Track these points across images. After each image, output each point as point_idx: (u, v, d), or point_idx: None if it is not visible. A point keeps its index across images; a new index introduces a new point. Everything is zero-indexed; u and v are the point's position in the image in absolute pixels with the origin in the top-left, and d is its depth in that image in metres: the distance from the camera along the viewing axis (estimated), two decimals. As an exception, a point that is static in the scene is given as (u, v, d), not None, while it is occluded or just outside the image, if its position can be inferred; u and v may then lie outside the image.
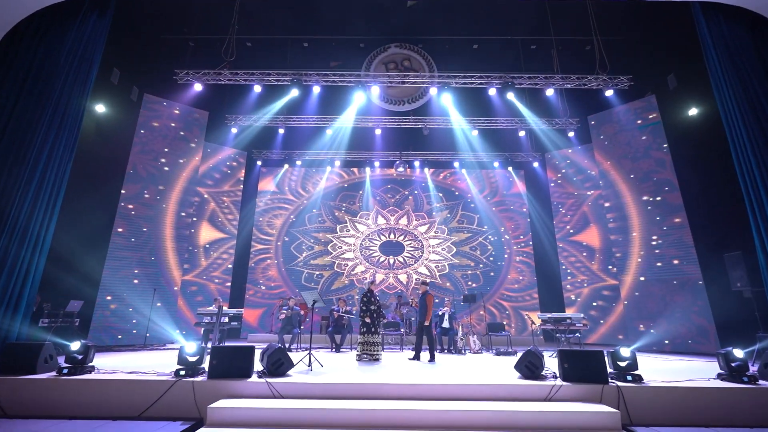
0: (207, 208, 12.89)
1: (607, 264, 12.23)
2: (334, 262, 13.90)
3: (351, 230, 14.27)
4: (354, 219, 14.41)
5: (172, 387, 4.77)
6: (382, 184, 14.89)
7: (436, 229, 14.31)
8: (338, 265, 13.90)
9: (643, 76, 10.38)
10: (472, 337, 8.97)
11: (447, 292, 13.19)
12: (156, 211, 10.42)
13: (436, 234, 14.27)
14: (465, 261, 13.97)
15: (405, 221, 14.45)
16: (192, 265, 12.23)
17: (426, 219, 14.43)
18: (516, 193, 14.67)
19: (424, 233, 14.28)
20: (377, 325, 7.31)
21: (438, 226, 14.33)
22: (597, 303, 12.10)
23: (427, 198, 14.68)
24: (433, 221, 14.39)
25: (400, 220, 14.45)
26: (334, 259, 13.91)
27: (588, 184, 13.05)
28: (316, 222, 14.31)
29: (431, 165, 14.85)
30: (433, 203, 14.59)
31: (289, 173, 14.77)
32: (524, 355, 5.37)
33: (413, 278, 13.81)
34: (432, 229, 14.32)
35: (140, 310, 9.55)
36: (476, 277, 13.82)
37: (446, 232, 14.26)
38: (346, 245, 14.13)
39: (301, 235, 14.13)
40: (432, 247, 14.11)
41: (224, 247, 12.94)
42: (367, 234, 14.26)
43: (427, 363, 7.05)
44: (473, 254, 14.07)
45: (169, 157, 10.92)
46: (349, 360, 7.26)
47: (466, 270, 13.90)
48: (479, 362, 7.22)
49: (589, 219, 12.81)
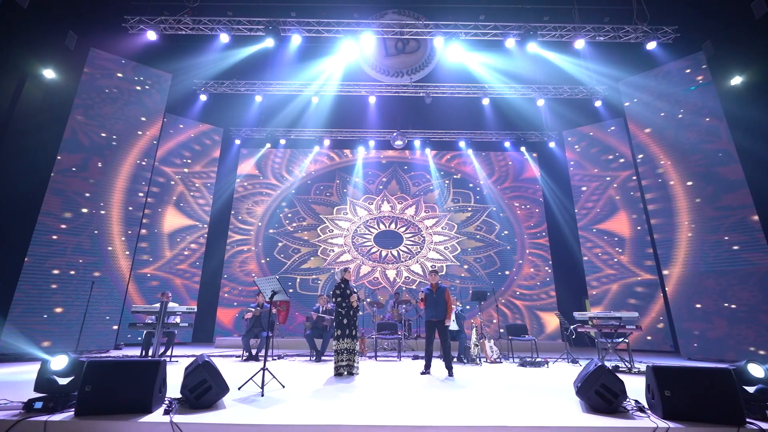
0: (174, 190, 10.90)
1: (640, 255, 10.27)
2: (319, 246, 11.89)
3: (350, 213, 12.28)
4: (356, 201, 12.42)
5: (9, 430, 2.77)
6: (377, 168, 12.92)
7: (444, 224, 12.31)
8: (322, 250, 11.88)
9: (691, 28, 8.48)
10: (488, 343, 6.97)
11: (449, 289, 11.18)
12: (100, 188, 8.41)
13: (442, 230, 12.28)
14: (469, 258, 11.98)
15: (412, 211, 12.45)
16: (154, 256, 10.23)
17: (436, 212, 12.41)
18: (529, 178, 12.72)
19: (430, 227, 12.29)
20: (355, 325, 5.32)
21: (447, 221, 12.35)
22: (629, 301, 10.12)
23: (428, 182, 12.71)
24: (442, 216, 12.39)
25: (407, 210, 12.46)
26: (320, 243, 11.90)
27: (615, 164, 11.11)
28: (303, 210, 12.32)
29: (434, 146, 12.90)
30: (434, 187, 12.62)
31: (272, 155, 12.80)
32: (591, 374, 3.37)
33: (403, 275, 11.80)
34: (439, 225, 12.32)
35: (70, 307, 7.53)
36: (486, 267, 11.82)
37: (455, 229, 12.24)
38: (338, 229, 12.12)
39: (286, 224, 12.14)
40: (434, 244, 12.12)
41: (194, 236, 10.93)
42: (365, 221, 12.27)
43: (441, 380, 5.05)
44: (479, 241, 12.09)
45: (121, 124, 8.93)
46: (327, 374, 5.28)
47: (474, 261, 11.91)
48: (504, 377, 5.24)
49: (617, 204, 10.85)
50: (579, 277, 11.31)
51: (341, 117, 12.24)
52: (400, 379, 5.07)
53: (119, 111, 8.93)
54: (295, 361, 6.94)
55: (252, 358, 6.84)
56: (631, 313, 5.93)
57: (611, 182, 11.07)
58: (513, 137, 12.43)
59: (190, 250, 10.77)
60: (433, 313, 5.60)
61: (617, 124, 11.17)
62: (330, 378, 5.02)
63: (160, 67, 9.64)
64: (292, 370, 5.71)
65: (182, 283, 10.43)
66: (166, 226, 10.55)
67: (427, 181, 12.73)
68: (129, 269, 8.57)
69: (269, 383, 4.19)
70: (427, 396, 3.96)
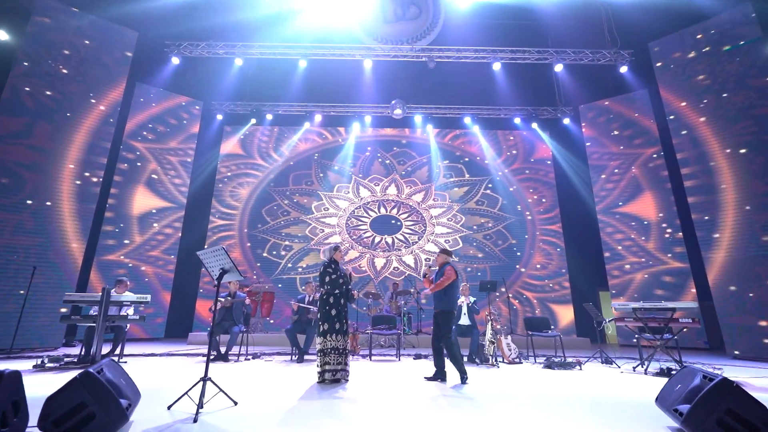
0: (145, 167, 9.57)
1: (668, 241, 9.03)
2: (309, 224, 10.61)
3: (330, 208, 10.99)
4: (331, 194, 11.13)
5: None
6: (373, 147, 11.62)
7: (434, 195, 11.05)
8: (311, 229, 10.59)
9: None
10: (505, 340, 5.72)
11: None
12: (47, 159, 7.09)
13: (435, 201, 11.02)
14: (477, 237, 10.73)
15: (394, 190, 11.17)
16: (120, 241, 8.93)
17: (419, 185, 11.16)
18: (540, 159, 11.44)
19: (421, 203, 11.02)
20: (345, 317, 4.06)
21: (437, 193, 11.08)
22: (655, 292, 8.89)
23: (432, 164, 11.42)
24: (428, 187, 11.13)
25: (387, 190, 11.17)
26: (312, 221, 10.62)
27: (640, 140, 9.84)
28: (292, 192, 11.03)
29: (436, 124, 11.60)
30: (433, 168, 11.33)
31: (259, 133, 11.48)
32: (708, 395, 2.09)
33: (392, 266, 10.55)
34: (429, 197, 11.06)
35: (9, 297, 6.25)
36: (492, 258, 10.58)
37: (447, 198, 11.01)
38: (328, 228, 10.84)
39: (274, 207, 10.85)
40: (435, 218, 10.86)
41: (168, 220, 9.63)
42: (351, 210, 10.99)
43: (453, 387, 3.79)
44: (486, 222, 10.83)
45: (75, 86, 7.59)
46: (308, 379, 4.02)
47: (480, 248, 10.66)
48: (531, 384, 3.99)
49: (642, 184, 9.60)
50: (597, 266, 10.08)
51: (334, 90, 10.94)
52: (400, 388, 3.81)
53: (73, 70, 7.59)
54: (273, 361, 5.68)
55: (220, 358, 5.58)
56: (687, 303, 4.68)
57: (634, 160, 9.81)
58: (523, 113, 11.14)
59: (164, 235, 9.47)
60: (436, 301, 4.35)
61: (642, 96, 9.90)
62: (311, 387, 3.75)
63: (125, 24, 8.29)
64: (265, 375, 4.45)
65: (154, 271, 9.14)
66: (135, 207, 9.25)
67: (427, 162, 11.44)
68: (82, 254, 7.26)
69: (215, 399, 2.93)
70: (440, 421, 2.71)
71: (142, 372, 4.49)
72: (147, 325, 8.79)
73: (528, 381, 4.28)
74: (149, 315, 8.84)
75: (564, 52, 8.84)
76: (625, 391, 3.72)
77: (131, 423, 2.44)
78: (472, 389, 3.78)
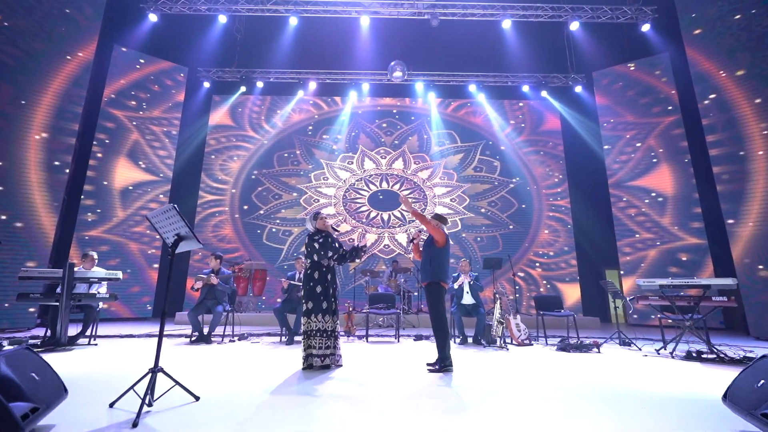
0: (126, 138, 8.86)
1: (685, 215, 8.42)
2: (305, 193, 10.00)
3: (330, 177, 10.33)
4: (332, 163, 10.44)
5: None
6: (372, 117, 10.85)
7: (441, 174, 10.38)
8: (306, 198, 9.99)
9: None
10: (514, 320, 5.18)
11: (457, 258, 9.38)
12: (9, 124, 6.38)
13: (441, 180, 10.35)
14: (480, 220, 10.12)
15: (401, 164, 10.49)
16: (102, 216, 8.32)
17: (428, 162, 10.48)
18: (550, 130, 10.69)
19: (427, 180, 10.36)
20: (335, 295, 3.48)
21: (444, 170, 10.40)
22: (669, 270, 8.35)
23: (433, 135, 10.68)
24: (436, 165, 10.44)
25: (393, 164, 10.49)
26: (308, 189, 10.02)
27: (658, 108, 9.09)
28: (286, 165, 10.34)
29: (440, 93, 10.78)
30: (443, 141, 10.60)
31: (250, 103, 10.69)
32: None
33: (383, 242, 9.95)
34: (436, 175, 10.39)
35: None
36: (494, 240, 10.00)
37: (455, 178, 10.35)
38: (324, 198, 10.22)
39: (266, 182, 10.19)
40: (438, 198, 10.22)
41: (153, 194, 8.98)
42: (351, 183, 10.33)
43: (450, 378, 3.23)
44: (492, 209, 10.21)
45: (39, 43, 6.80)
46: (295, 364, 3.48)
47: (481, 231, 10.06)
48: (548, 371, 3.44)
49: (659, 155, 8.91)
50: (606, 242, 9.51)
51: (329, 55, 10.10)
52: (399, 376, 3.26)
53: (36, 25, 6.78)
54: (260, 342, 5.16)
55: (202, 339, 5.06)
56: (723, 280, 4.09)
57: (651, 130, 9.07)
58: (532, 81, 10.32)
59: (149, 210, 8.84)
60: (422, 273, 3.71)
61: (663, 60, 9.07)
62: (293, 375, 3.20)
63: (95, -25, 7.42)
64: (247, 359, 3.91)
65: (139, 248, 8.57)
66: (117, 180, 8.59)
67: (428, 132, 10.69)
68: (54, 228, 6.66)
69: (174, 392, 2.36)
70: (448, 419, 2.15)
71: (107, 358, 3.95)
72: (133, 304, 8.29)
73: (544, 366, 3.74)
74: (135, 294, 8.35)
75: (580, 9, 7.98)
76: (663, 381, 3.18)
77: (51, 428, 1.88)
78: (482, 378, 3.23)
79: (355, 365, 3.62)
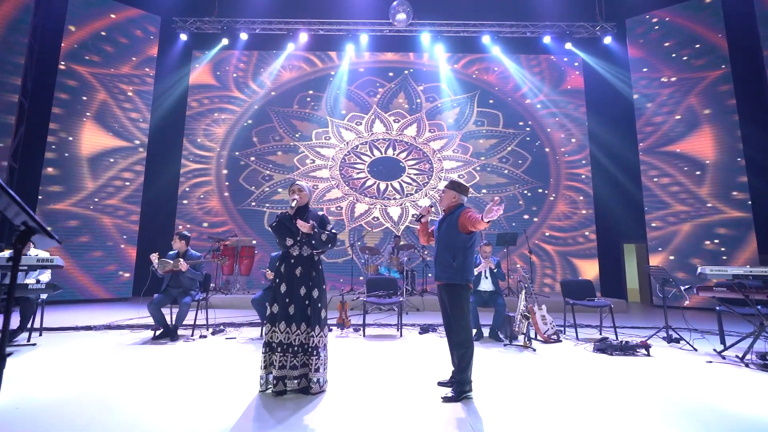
0: (92, 98, 7.70)
1: (727, 185, 7.34)
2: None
3: (333, 138, 9.22)
4: (338, 122, 9.26)
5: None
6: (371, 74, 9.54)
7: (456, 146, 9.20)
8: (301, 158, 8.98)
9: None
10: (539, 311, 4.27)
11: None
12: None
13: (454, 153, 9.20)
14: (495, 179, 9.07)
15: (414, 131, 9.30)
16: (69, 188, 7.33)
17: (444, 131, 9.25)
18: (570, 90, 9.38)
19: (439, 150, 9.21)
20: (312, 299, 2.48)
21: (458, 143, 9.21)
22: (704, 246, 7.38)
23: (438, 93, 9.41)
24: (452, 136, 9.24)
25: (405, 130, 9.30)
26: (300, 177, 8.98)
27: (702, 60, 7.76)
28: (278, 129, 9.19)
29: (449, 47, 9.39)
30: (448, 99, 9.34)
31: (234, 59, 9.37)
32: None
33: (409, 213, 8.98)
34: (450, 147, 9.22)
35: None
36: (518, 181, 9.01)
37: (470, 153, 9.17)
38: (320, 159, 9.15)
39: (256, 146, 9.09)
40: (445, 172, 9.11)
41: (127, 162, 7.93)
42: (355, 146, 9.22)
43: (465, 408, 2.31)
44: (505, 177, 9.12)
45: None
46: (257, 382, 2.57)
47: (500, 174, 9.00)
48: (604, 384, 2.53)
49: (699, 117, 7.69)
50: (632, 215, 8.49)
51: (321, 1, 8.67)
52: (402, 402, 2.35)
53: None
54: (236, 338, 4.30)
55: (168, 334, 4.20)
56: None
57: (693, 87, 7.79)
58: (555, 31, 8.91)
59: (122, 180, 7.83)
60: (440, 268, 2.58)
61: (713, 4, 7.64)
62: (247, 408, 2.29)
63: None
64: (212, 365, 3.02)
65: (113, 223, 7.63)
66: (84, 147, 7.52)
67: (436, 91, 9.41)
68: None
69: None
70: None
71: (23, 369, 3.08)
72: (110, 284, 7.48)
73: (589, 376, 2.84)
74: (112, 273, 7.51)
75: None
76: (758, 401, 2.26)
77: None
78: (517, 403, 2.32)
79: (341, 380, 2.73)
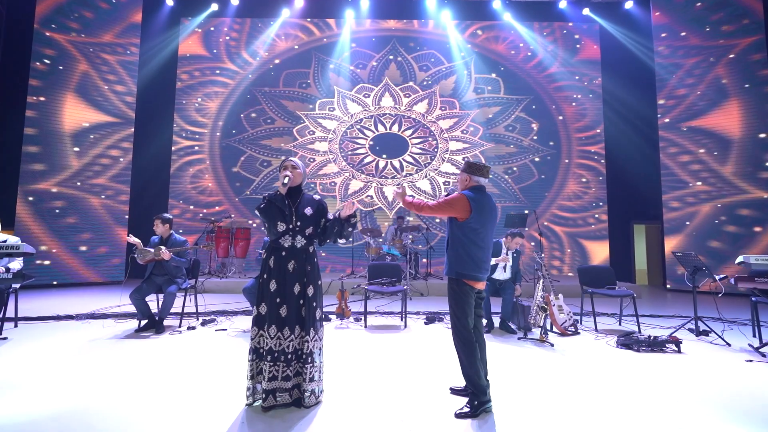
0: (73, 69, 7.11)
1: (753, 163, 6.83)
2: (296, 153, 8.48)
3: (337, 109, 8.65)
4: (345, 92, 8.67)
5: None
6: (371, 46, 8.85)
7: (467, 126, 8.61)
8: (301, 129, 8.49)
9: None
10: (556, 300, 3.89)
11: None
12: None
13: (463, 135, 8.62)
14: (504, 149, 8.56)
15: (424, 107, 8.70)
16: (52, 166, 6.87)
17: (458, 110, 8.63)
18: (585, 61, 8.70)
19: (448, 129, 8.64)
20: (308, 298, 2.10)
21: (470, 124, 8.61)
22: (725, 229, 6.95)
23: (442, 63, 8.75)
24: (464, 115, 8.63)
25: (415, 106, 8.70)
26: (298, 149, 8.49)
27: (732, 26, 7.08)
28: (273, 105, 8.61)
29: (455, 13, 8.65)
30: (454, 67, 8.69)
31: (226, 27, 8.68)
32: None
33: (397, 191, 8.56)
34: (460, 127, 8.64)
35: None
36: (525, 151, 8.53)
37: (479, 134, 8.59)
38: (321, 130, 8.62)
39: (250, 124, 8.55)
40: (450, 154, 8.58)
41: (113, 139, 7.43)
42: (359, 119, 8.67)
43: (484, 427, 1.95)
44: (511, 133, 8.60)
45: None
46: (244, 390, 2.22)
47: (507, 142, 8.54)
48: (638, 389, 2.18)
49: (727, 90, 7.08)
50: (649, 195, 8.02)
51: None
52: (409, 412, 1.99)
53: None
54: (228, 329, 3.96)
55: (153, 326, 3.86)
56: None
57: (722, 55, 7.14)
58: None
59: (110, 159, 7.36)
60: (448, 260, 2.19)
61: (749, -42, 6.90)
62: (237, 421, 1.94)
63: None
64: (197, 364, 2.67)
65: (101, 203, 7.22)
66: (66, 122, 7.01)
67: (440, 63, 8.76)
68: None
69: None
70: None
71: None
72: (101, 266, 7.14)
73: (623, 379, 2.48)
74: (103, 255, 7.16)
75: None
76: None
77: None
78: (545, 417, 1.95)
79: (340, 391, 2.37)
